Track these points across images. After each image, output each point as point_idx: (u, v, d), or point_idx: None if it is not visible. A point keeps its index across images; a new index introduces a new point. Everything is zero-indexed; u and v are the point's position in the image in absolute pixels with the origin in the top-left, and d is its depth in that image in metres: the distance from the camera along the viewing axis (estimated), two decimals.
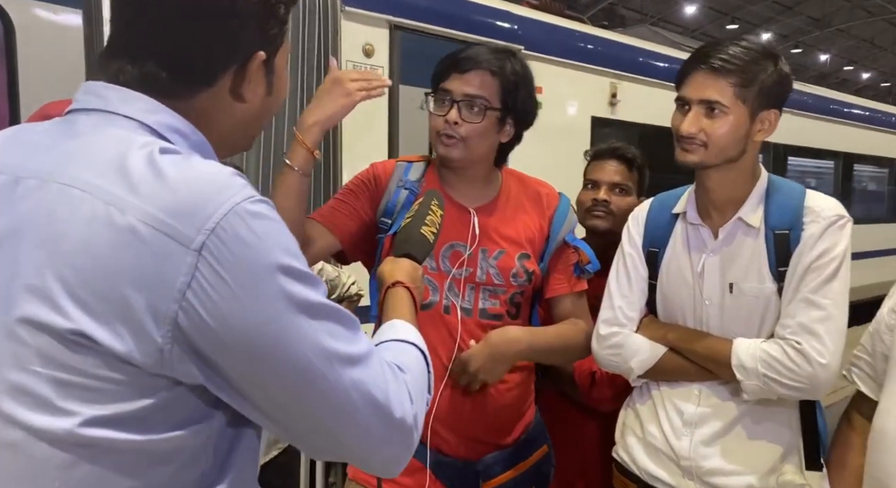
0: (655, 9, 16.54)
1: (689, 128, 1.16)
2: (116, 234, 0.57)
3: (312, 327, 0.61)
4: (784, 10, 17.66)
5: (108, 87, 0.66)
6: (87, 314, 0.57)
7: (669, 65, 5.04)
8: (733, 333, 1.21)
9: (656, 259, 1.32)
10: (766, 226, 1.20)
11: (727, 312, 1.22)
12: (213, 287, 0.57)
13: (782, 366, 1.12)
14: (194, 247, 0.57)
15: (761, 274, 1.19)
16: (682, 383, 1.27)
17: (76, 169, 0.61)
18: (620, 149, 1.70)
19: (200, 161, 0.63)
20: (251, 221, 0.59)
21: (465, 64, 1.25)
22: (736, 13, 17.42)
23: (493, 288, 1.29)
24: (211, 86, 0.68)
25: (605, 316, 1.34)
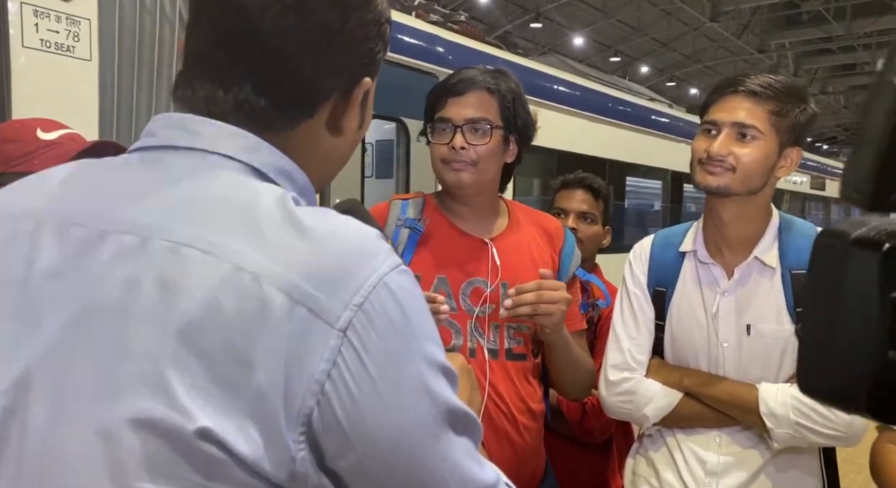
0: (546, 40, 17.34)
1: (720, 150, 1.12)
2: (249, 307, 0.46)
3: (453, 444, 0.50)
4: (660, 46, 19.15)
5: (198, 121, 0.55)
6: (212, 408, 0.45)
7: (581, 94, 5.23)
8: (751, 376, 1.18)
9: (664, 299, 1.27)
10: (782, 266, 1.18)
11: (745, 354, 1.19)
12: (355, 379, 0.46)
13: (816, 413, 1.09)
14: (339, 327, 0.46)
15: (780, 315, 1.16)
16: (698, 429, 1.22)
17: (189, 223, 0.49)
18: (587, 179, 1.74)
19: (339, 216, 0.52)
20: (400, 297, 0.49)
21: (460, 87, 1.19)
22: (618, 46, 18.65)
23: (517, 325, 1.21)
24: (312, 117, 0.58)
25: (613, 360, 1.27)
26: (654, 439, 1.28)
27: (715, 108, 1.16)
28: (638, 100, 6.25)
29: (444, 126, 1.19)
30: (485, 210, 1.26)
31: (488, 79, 1.20)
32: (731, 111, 1.13)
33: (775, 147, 1.14)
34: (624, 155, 5.64)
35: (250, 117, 0.55)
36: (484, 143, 1.17)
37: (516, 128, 1.22)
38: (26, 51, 2.12)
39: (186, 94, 0.56)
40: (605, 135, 5.30)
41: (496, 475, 0.54)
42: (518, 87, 1.24)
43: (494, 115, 1.19)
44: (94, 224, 0.51)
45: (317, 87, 0.57)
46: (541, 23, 15.96)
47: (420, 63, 3.79)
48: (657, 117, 6.27)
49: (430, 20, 4.44)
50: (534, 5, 15.54)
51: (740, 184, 1.13)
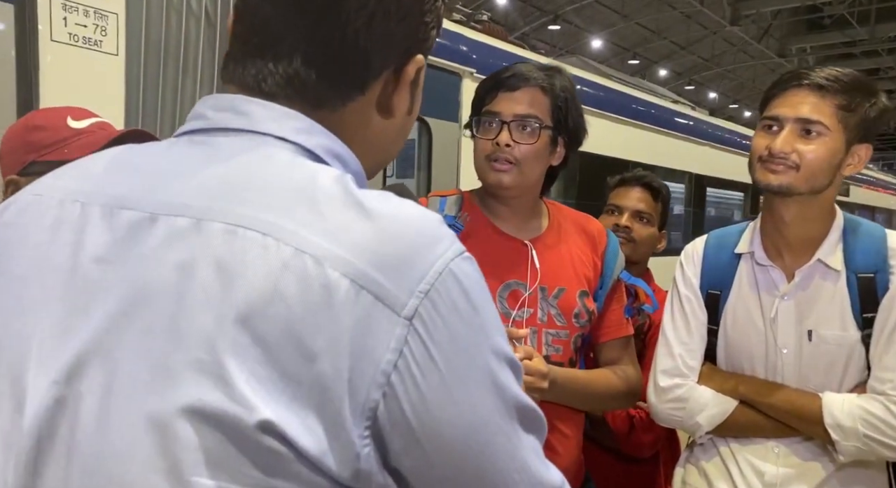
0: (564, 42, 17.26)
1: (783, 147, 1.05)
2: (311, 292, 0.43)
3: (522, 441, 0.48)
4: (679, 50, 19.00)
5: (249, 101, 0.52)
6: (272, 400, 0.42)
7: (604, 94, 5.16)
8: (812, 384, 1.12)
9: (717, 302, 1.21)
10: (847, 269, 1.11)
11: (805, 361, 1.12)
12: (422, 371, 0.43)
13: (887, 425, 1.03)
14: (405, 315, 0.43)
15: (844, 320, 1.10)
16: (755, 439, 1.16)
17: (247, 205, 0.46)
18: (647, 177, 1.67)
19: (400, 199, 0.49)
20: (467, 284, 0.46)
21: (513, 82, 1.14)
22: (637, 49, 18.53)
23: (555, 331, 1.15)
24: (363, 93, 0.54)
25: (663, 365, 1.21)
26: (707, 448, 1.22)
27: (777, 102, 1.10)
28: (660, 101, 6.16)
29: (491, 120, 1.15)
30: (526, 211, 1.21)
31: (543, 76, 1.15)
32: (795, 106, 1.07)
33: (842, 143, 1.07)
34: (646, 157, 5.56)
35: (301, 93, 0.52)
36: (530, 143, 1.13)
37: (566, 129, 1.17)
38: (55, 45, 2.10)
39: (237, 71, 0.53)
40: (628, 137, 5.22)
41: (561, 477, 0.52)
42: (572, 86, 1.19)
43: (545, 114, 1.14)
44: (144, 207, 0.48)
45: (369, 61, 0.53)
46: (559, 25, 15.89)
47: (443, 61, 3.74)
48: (680, 119, 6.18)
49: (453, 19, 4.39)
50: (552, 7, 15.48)
51: (804, 183, 1.07)
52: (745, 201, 7.43)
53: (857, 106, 1.06)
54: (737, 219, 7.23)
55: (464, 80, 3.84)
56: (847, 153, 1.09)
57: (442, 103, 3.77)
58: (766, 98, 1.14)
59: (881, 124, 1.11)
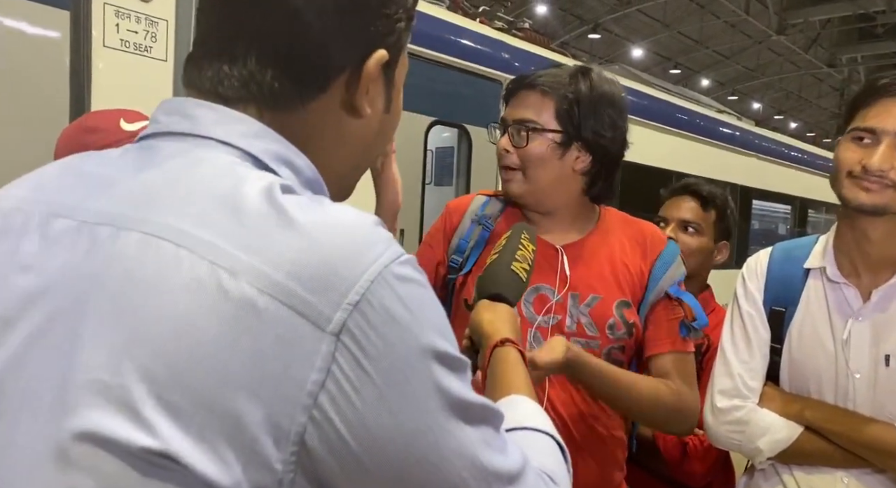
0: (604, 51, 17.11)
1: (882, 164, 0.97)
2: (226, 310, 0.40)
3: (469, 437, 0.46)
4: (722, 60, 18.64)
5: (199, 105, 0.50)
6: (181, 428, 0.39)
7: (648, 103, 5.06)
8: (887, 413, 1.03)
9: (782, 320, 1.13)
10: None
11: (881, 388, 1.04)
12: (355, 386, 0.41)
13: None
14: (331, 330, 0.41)
15: None
16: (821, 467, 1.08)
17: (165, 213, 0.44)
18: (695, 185, 1.59)
19: (334, 205, 0.47)
20: (401, 289, 0.43)
21: (518, 86, 1.12)
22: (678, 59, 18.25)
23: (585, 341, 1.08)
24: (325, 91, 0.52)
25: (721, 385, 1.14)
26: (768, 475, 1.14)
27: (871, 112, 1.01)
28: (706, 111, 6.02)
29: (501, 126, 1.14)
30: (563, 218, 1.15)
31: (548, 79, 1.09)
32: (893, 117, 0.98)
33: None
34: (691, 168, 5.43)
35: (258, 95, 0.50)
36: (521, 146, 1.08)
37: (579, 134, 1.09)
38: (107, 50, 2.14)
39: (194, 75, 0.52)
40: (673, 147, 5.11)
41: (521, 460, 0.50)
42: (592, 89, 1.10)
43: (546, 118, 1.08)
44: (75, 215, 0.46)
45: (326, 56, 0.51)
46: (599, 34, 15.75)
47: (484, 69, 3.72)
48: (726, 129, 6.03)
49: (495, 27, 4.37)
50: (592, 16, 15.37)
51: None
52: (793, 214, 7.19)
53: None
54: (781, 233, 6.99)
55: (505, 88, 3.82)
56: None
57: (482, 110, 3.75)
58: (855, 106, 1.05)
59: None
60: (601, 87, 1.12)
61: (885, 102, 1.00)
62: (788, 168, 6.83)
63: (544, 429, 0.61)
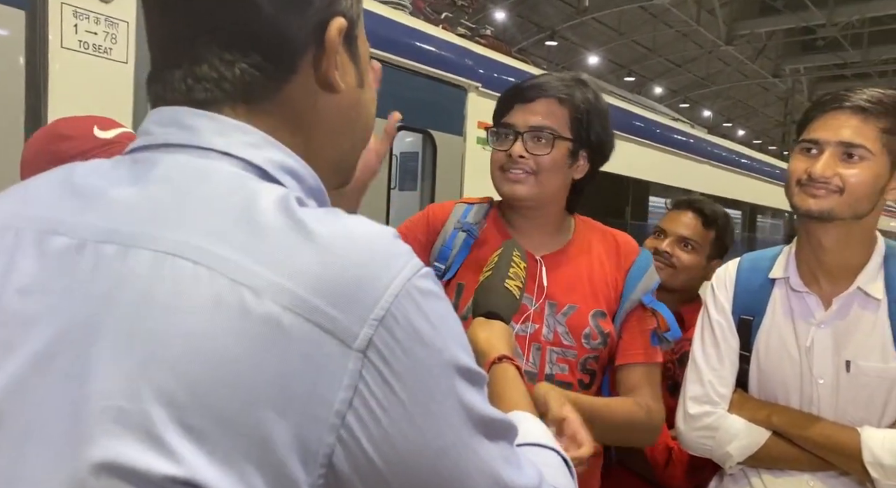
0: (561, 58, 17.39)
1: (825, 171, 1.03)
2: (250, 329, 0.39)
3: (490, 453, 0.46)
4: (674, 68, 19.19)
5: (196, 115, 0.48)
6: (206, 453, 0.38)
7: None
8: (850, 418, 1.08)
9: (750, 328, 1.18)
10: (888, 298, 1.08)
11: (843, 393, 1.09)
12: (382, 404, 0.40)
13: None
14: (358, 347, 0.40)
15: (885, 351, 1.07)
16: (788, 471, 1.12)
17: (178, 230, 0.42)
18: (699, 202, 1.60)
19: (350, 217, 0.45)
20: (425, 304, 0.43)
21: (529, 93, 1.12)
22: (633, 67, 18.69)
23: (561, 350, 1.10)
24: (295, 71, 0.50)
25: (693, 392, 1.17)
26: (737, 478, 1.18)
27: (816, 125, 1.07)
28: (662, 119, 6.19)
29: (506, 132, 1.13)
30: (545, 226, 1.18)
31: (561, 87, 1.12)
32: (836, 129, 1.04)
33: (886, 167, 1.04)
34: (650, 175, 5.57)
35: (232, 93, 0.48)
36: (545, 154, 1.10)
37: (587, 142, 1.14)
38: (65, 52, 2.07)
39: (159, 91, 0.50)
40: (632, 154, 5.23)
41: (538, 476, 0.50)
42: (597, 99, 1.16)
43: (562, 126, 1.11)
44: (74, 232, 0.44)
45: (286, 35, 0.49)
46: (556, 41, 16.00)
47: (449, 75, 3.74)
48: (681, 137, 6.21)
49: (458, 33, 4.40)
50: (549, 23, 15.59)
51: (847, 208, 1.04)
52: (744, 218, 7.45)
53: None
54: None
55: (469, 94, 3.84)
56: (891, 177, 1.06)
57: (447, 116, 3.76)
58: (804, 121, 1.11)
59: None
60: (601, 97, 1.17)
61: (826, 116, 1.06)
62: (739, 175, 7.08)
63: (551, 445, 0.62)
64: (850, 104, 1.04)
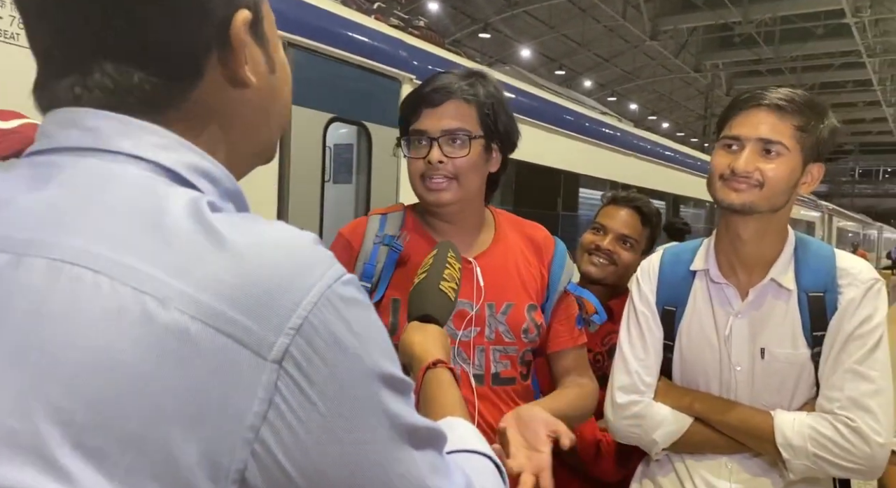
0: (494, 50, 17.53)
1: (747, 166, 1.08)
2: (155, 340, 0.37)
3: (416, 462, 0.45)
4: (602, 62, 19.72)
5: (99, 115, 0.44)
6: (104, 474, 0.35)
7: (538, 104, 5.27)
8: (764, 402, 1.15)
9: (673, 318, 1.23)
10: (798, 288, 1.15)
11: (758, 379, 1.15)
12: (299, 417, 0.39)
13: (835, 445, 1.06)
14: (273, 358, 0.38)
15: (795, 339, 1.14)
16: (708, 455, 1.19)
17: (77, 237, 0.40)
18: (639, 200, 1.63)
19: (268, 223, 0.43)
20: (346, 312, 0.41)
21: (436, 96, 1.11)
22: (563, 60, 19.07)
23: (503, 347, 1.13)
24: (201, 76, 0.47)
25: (620, 382, 1.22)
26: (662, 464, 1.24)
27: (736, 122, 1.12)
28: (591, 112, 6.36)
29: (419, 138, 1.11)
30: (469, 225, 1.18)
31: (465, 86, 1.12)
32: (755, 126, 1.10)
33: (800, 163, 1.11)
34: (579, 167, 5.72)
35: (130, 103, 0.45)
36: (463, 156, 1.10)
37: (498, 135, 1.14)
38: None
39: (45, 101, 0.46)
40: (563, 147, 5.35)
41: (465, 484, 0.49)
42: (498, 90, 1.17)
43: (473, 125, 1.11)
44: None
45: (184, 38, 0.46)
46: (489, 33, 16.12)
47: (383, 67, 3.70)
48: (608, 130, 6.40)
49: (391, 24, 4.36)
50: (482, 16, 15.69)
51: (766, 201, 1.09)
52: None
53: (812, 127, 1.10)
54: None
55: (404, 86, 3.82)
56: (803, 172, 1.13)
57: (381, 108, 3.73)
58: (724, 118, 1.16)
59: (832, 144, 1.15)
60: (500, 87, 1.17)
61: (746, 113, 1.12)
62: (663, 166, 7.37)
63: (482, 451, 0.61)
64: (767, 102, 1.10)
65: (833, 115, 1.14)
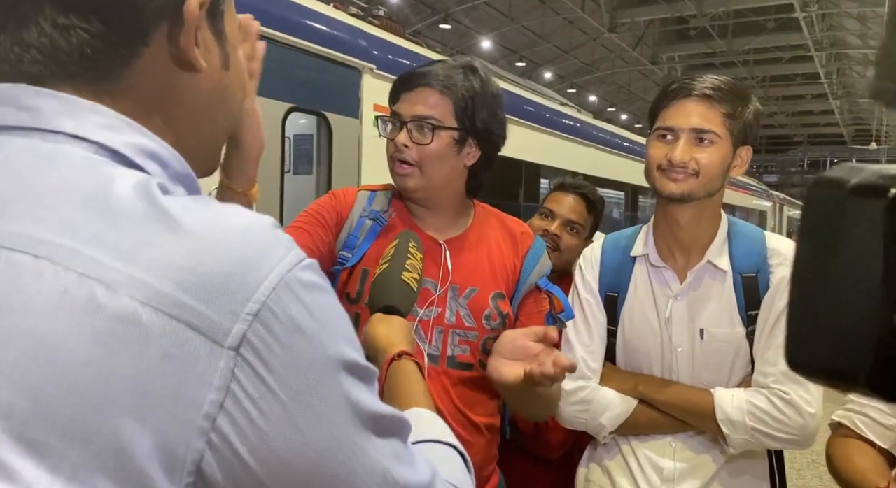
0: (455, 41, 17.52)
1: (683, 156, 1.13)
2: (102, 327, 0.35)
3: (379, 451, 0.44)
4: (562, 54, 19.89)
5: (37, 93, 0.42)
6: (49, 470, 0.34)
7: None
8: (704, 381, 1.20)
9: (615, 304, 1.27)
10: (732, 269, 1.20)
11: (698, 359, 1.21)
12: (257, 405, 0.38)
13: (771, 417, 1.12)
14: (230, 344, 0.37)
15: (732, 318, 1.19)
16: (653, 436, 1.23)
17: (16, 221, 0.38)
18: (584, 187, 1.70)
19: (222, 205, 0.42)
20: (306, 296, 0.40)
21: (412, 82, 1.13)
22: (523, 52, 19.18)
23: (463, 332, 1.15)
24: (146, 44, 0.44)
25: None
26: (609, 446, 1.27)
27: (668, 113, 1.17)
28: (551, 104, 6.44)
29: (394, 120, 1.13)
30: (445, 213, 1.20)
31: (442, 75, 1.12)
32: (687, 116, 1.14)
33: (730, 148, 1.16)
34: (541, 158, 5.79)
35: (69, 66, 0.42)
36: (426, 143, 1.10)
37: (474, 130, 1.15)
38: None
39: None
40: (524, 139, 5.41)
41: (430, 473, 0.48)
42: (483, 85, 1.16)
43: (445, 115, 1.11)
44: None
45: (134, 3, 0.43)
46: (450, 24, 16.09)
47: (343, 56, 3.69)
48: (569, 121, 6.50)
49: (350, 13, 4.34)
50: (442, 6, 15.64)
51: (702, 189, 1.14)
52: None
53: (739, 112, 1.15)
54: (616, 217, 7.70)
55: (364, 76, 3.81)
56: (734, 157, 1.18)
57: (342, 98, 3.71)
58: (656, 109, 1.20)
59: (757, 127, 1.21)
60: (490, 83, 1.17)
61: (678, 104, 1.16)
62: (622, 157, 7.52)
63: (447, 440, 0.60)
64: (696, 92, 1.14)
65: (756, 100, 1.20)
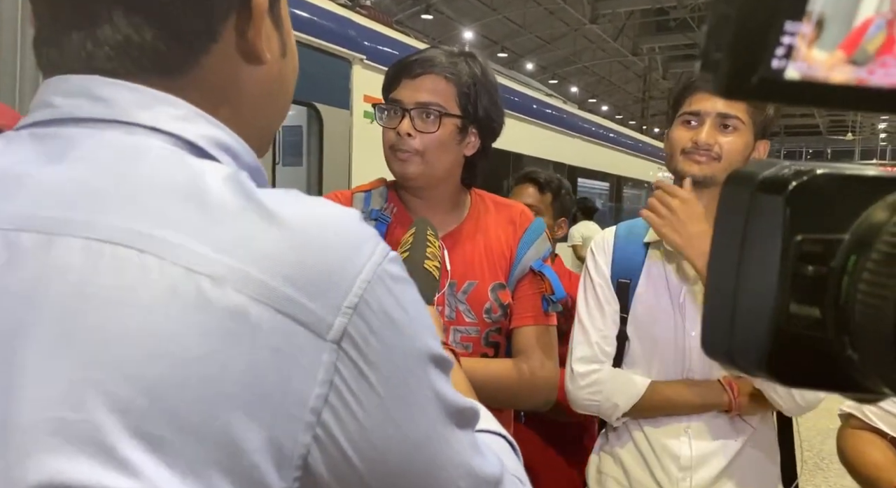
0: (437, 32, 17.44)
1: (708, 139, 1.16)
2: (212, 322, 0.35)
3: (462, 443, 0.44)
4: (544, 45, 19.92)
5: (110, 84, 0.42)
6: (166, 464, 0.34)
7: None
8: (717, 367, 1.21)
9: (627, 290, 1.29)
10: None
11: None
12: (358, 398, 0.38)
13: None
14: (332, 338, 0.37)
15: None
16: (666, 421, 1.24)
17: (116, 215, 0.37)
18: (532, 173, 1.89)
19: (313, 199, 0.42)
20: (396, 290, 0.40)
21: (415, 68, 1.11)
22: (505, 42, 19.16)
23: (465, 328, 1.13)
24: (215, 40, 0.45)
25: (581, 353, 1.27)
26: (620, 434, 1.28)
27: (694, 99, 1.19)
28: (538, 95, 6.46)
29: (394, 108, 1.10)
30: (442, 204, 1.18)
31: (446, 62, 1.10)
32: (714, 101, 1.17)
33: (752, 138, 1.19)
34: (527, 149, 5.81)
35: (142, 62, 0.42)
36: (431, 132, 1.08)
37: (476, 118, 1.12)
38: None
39: (54, 56, 0.43)
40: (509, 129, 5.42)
41: (499, 464, 0.48)
42: (484, 73, 1.15)
43: (450, 102, 1.10)
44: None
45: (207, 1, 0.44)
46: (431, 14, 16.01)
47: (333, 47, 3.66)
48: (555, 112, 6.52)
49: (338, 3, 4.30)
50: None
51: (723, 173, 1.15)
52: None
53: (763, 105, 1.17)
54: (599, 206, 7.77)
55: (354, 66, 3.79)
56: (755, 146, 1.21)
57: (332, 89, 3.69)
58: (680, 97, 1.22)
59: (775, 122, 1.24)
60: (489, 71, 1.17)
61: (702, 91, 1.19)
62: (607, 148, 7.58)
63: (499, 431, 0.60)
64: None
65: None
